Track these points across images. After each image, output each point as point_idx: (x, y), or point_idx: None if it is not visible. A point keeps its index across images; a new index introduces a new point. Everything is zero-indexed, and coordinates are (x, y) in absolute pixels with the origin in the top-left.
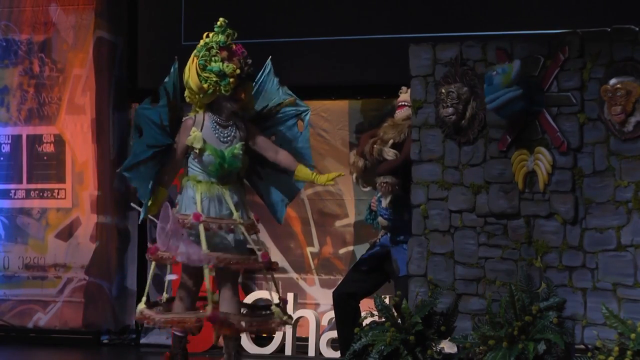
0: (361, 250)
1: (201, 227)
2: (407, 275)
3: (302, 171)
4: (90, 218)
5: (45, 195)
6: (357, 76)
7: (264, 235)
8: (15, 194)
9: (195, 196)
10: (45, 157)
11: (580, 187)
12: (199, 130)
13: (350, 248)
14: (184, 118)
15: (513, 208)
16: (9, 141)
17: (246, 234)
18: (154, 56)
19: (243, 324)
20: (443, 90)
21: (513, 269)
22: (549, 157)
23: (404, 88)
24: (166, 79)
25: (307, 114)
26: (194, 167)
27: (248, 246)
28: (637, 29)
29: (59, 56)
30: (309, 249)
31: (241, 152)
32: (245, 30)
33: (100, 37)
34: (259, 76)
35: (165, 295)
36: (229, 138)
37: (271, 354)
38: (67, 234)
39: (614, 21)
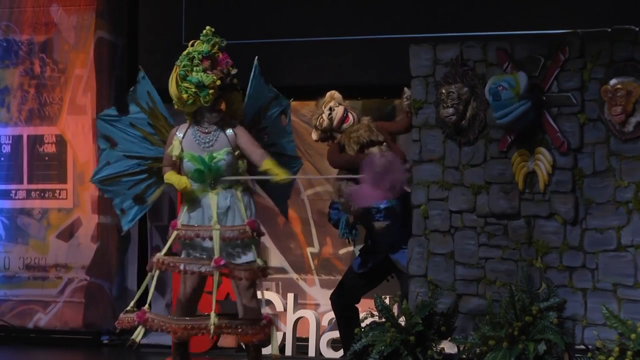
0: None
1: (174, 234)
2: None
3: (266, 164)
4: (91, 218)
5: (46, 195)
6: (357, 76)
7: (264, 236)
8: (16, 195)
9: (185, 206)
10: (46, 158)
11: (581, 187)
12: (180, 138)
13: (351, 249)
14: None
15: (513, 208)
16: (10, 141)
17: (216, 240)
18: (154, 56)
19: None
20: (443, 91)
21: (513, 270)
22: (549, 158)
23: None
24: (131, 89)
25: (288, 107)
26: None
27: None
28: (637, 29)
29: (60, 56)
30: (309, 250)
31: (225, 157)
32: (246, 30)
33: (101, 38)
34: (250, 79)
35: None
36: (210, 144)
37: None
38: (68, 234)
39: (614, 21)
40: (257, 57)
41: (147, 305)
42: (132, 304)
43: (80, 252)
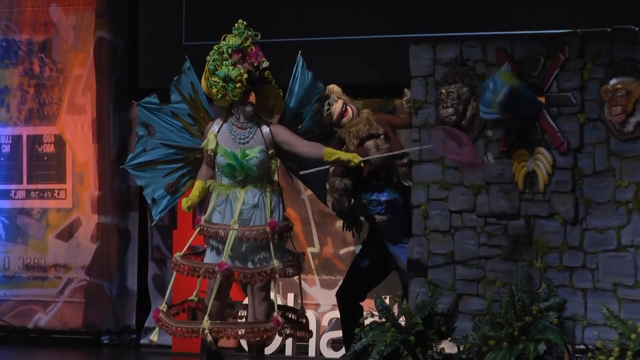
0: None
1: (196, 231)
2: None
3: (331, 154)
4: (90, 218)
5: (45, 195)
6: (357, 76)
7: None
8: (15, 195)
9: (213, 201)
10: (45, 158)
11: (581, 187)
12: (215, 132)
13: (351, 248)
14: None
15: (513, 208)
16: (9, 141)
17: (229, 241)
18: (154, 56)
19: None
20: (443, 91)
21: (513, 269)
22: (549, 158)
23: (331, 105)
24: (175, 78)
25: (323, 92)
26: (216, 170)
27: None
28: (637, 29)
29: (59, 56)
30: (309, 250)
31: (257, 155)
32: None
33: (101, 37)
34: (293, 73)
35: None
36: (246, 139)
37: (271, 354)
38: (67, 234)
39: (614, 21)
40: (300, 51)
41: (163, 305)
42: (163, 304)
43: (79, 252)
